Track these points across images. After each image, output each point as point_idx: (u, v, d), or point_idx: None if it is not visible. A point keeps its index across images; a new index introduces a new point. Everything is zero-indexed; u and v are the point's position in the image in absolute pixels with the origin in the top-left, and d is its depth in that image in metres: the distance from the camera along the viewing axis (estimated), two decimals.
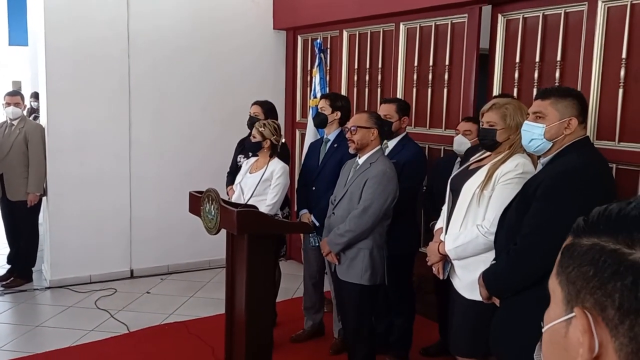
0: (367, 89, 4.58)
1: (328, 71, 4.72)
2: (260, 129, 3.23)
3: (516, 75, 3.44)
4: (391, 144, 3.18)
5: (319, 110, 3.41)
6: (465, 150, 3.36)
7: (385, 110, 3.17)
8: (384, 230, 2.77)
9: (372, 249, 2.71)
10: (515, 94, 3.39)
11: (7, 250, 4.78)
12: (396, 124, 3.17)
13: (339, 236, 2.69)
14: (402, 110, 3.18)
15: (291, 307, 4.00)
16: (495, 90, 3.52)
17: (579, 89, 3.03)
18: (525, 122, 2.03)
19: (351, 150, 2.82)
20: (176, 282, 4.76)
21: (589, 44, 3.05)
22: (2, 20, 13.28)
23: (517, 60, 3.43)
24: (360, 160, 2.78)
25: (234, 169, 3.77)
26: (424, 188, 3.39)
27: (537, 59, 3.32)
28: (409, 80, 4.20)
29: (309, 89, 5.12)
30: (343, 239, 2.68)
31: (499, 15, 3.52)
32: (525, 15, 3.39)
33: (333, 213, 2.83)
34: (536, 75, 3.33)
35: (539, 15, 3.32)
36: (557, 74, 3.21)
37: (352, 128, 2.74)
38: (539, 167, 2.05)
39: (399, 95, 4.25)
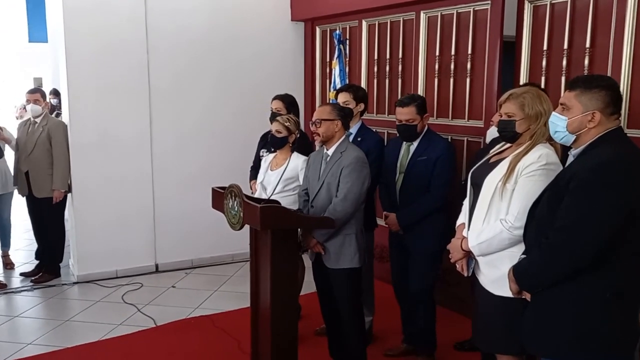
0: (387, 80, 4.53)
1: (347, 62, 4.68)
2: (285, 124, 3.22)
3: (544, 63, 3.37)
4: (416, 142, 3.11)
5: (343, 104, 3.36)
6: (490, 142, 3.30)
7: (407, 114, 3.04)
8: (362, 214, 2.93)
9: (357, 232, 2.85)
10: (542, 83, 3.32)
11: (36, 246, 4.88)
12: (420, 124, 3.07)
13: None
14: (422, 109, 3.08)
15: (315, 300, 3.98)
16: (523, 79, 3.45)
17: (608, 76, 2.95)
18: (553, 112, 2.00)
19: (317, 143, 2.96)
20: (200, 276, 4.80)
21: (619, 29, 2.97)
22: (22, 17, 13.43)
23: (545, 47, 3.36)
24: (330, 151, 2.88)
25: (258, 164, 3.77)
26: (462, 182, 3.33)
27: (566, 46, 3.25)
28: (430, 70, 4.14)
29: (328, 80, 5.08)
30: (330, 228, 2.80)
31: (526, 2, 3.44)
32: (553, 2, 3.31)
33: (312, 206, 2.92)
34: (564, 63, 3.25)
35: (567, 1, 3.23)
36: (586, 61, 3.14)
37: (316, 121, 2.86)
38: (570, 158, 2.00)
39: (420, 86, 4.20)
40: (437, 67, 4.09)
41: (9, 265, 4.97)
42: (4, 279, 4.65)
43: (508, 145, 2.27)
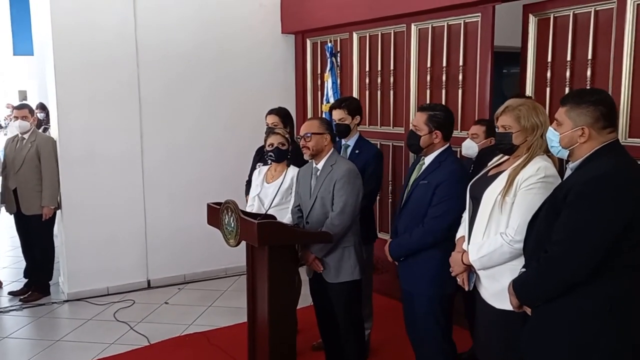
0: (379, 92, 4.54)
1: (339, 75, 4.67)
2: (286, 136, 3.21)
3: (549, 74, 3.42)
4: (427, 160, 2.64)
5: (338, 121, 3.31)
6: (477, 153, 3.31)
7: (415, 120, 2.64)
8: (359, 226, 2.91)
9: (355, 244, 2.85)
10: (547, 94, 3.38)
11: (23, 263, 4.78)
12: (425, 138, 2.58)
13: None
14: (435, 122, 2.57)
15: (311, 314, 3.95)
16: (529, 91, 3.49)
17: (609, 86, 3.02)
18: (550, 127, 2.03)
19: (307, 157, 2.92)
20: (193, 291, 4.74)
21: (619, 41, 3.04)
22: (6, 31, 13.30)
23: (549, 59, 3.42)
24: (319, 165, 2.88)
25: None
26: None
27: (569, 58, 3.31)
28: (422, 82, 4.16)
29: (319, 92, 5.08)
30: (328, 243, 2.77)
31: (530, 15, 3.50)
32: (556, 15, 3.37)
33: (307, 222, 2.90)
34: (568, 74, 3.31)
35: (569, 15, 3.30)
36: (589, 73, 3.20)
37: (305, 135, 2.84)
38: (568, 172, 2.02)
39: (412, 97, 4.21)
40: (428, 78, 4.11)
41: None
42: None
43: (506, 157, 2.29)
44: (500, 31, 3.73)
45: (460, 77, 3.89)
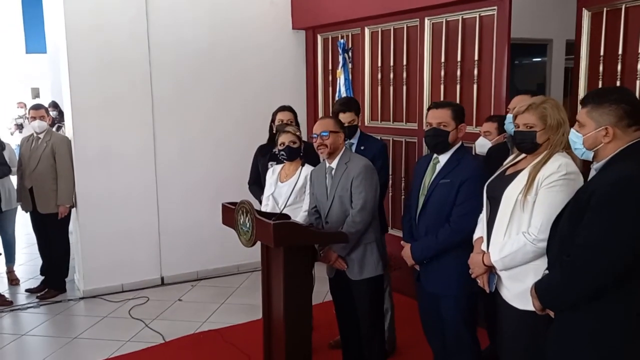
0: (391, 87, 4.50)
1: (351, 71, 4.64)
2: (297, 134, 3.19)
3: (601, 68, 3.36)
4: (443, 158, 2.58)
5: (349, 124, 3.28)
6: (487, 151, 3.26)
7: (440, 117, 2.55)
8: (378, 221, 2.92)
9: (377, 239, 2.86)
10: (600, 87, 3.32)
11: (39, 260, 4.83)
12: (453, 133, 2.54)
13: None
14: (459, 116, 2.57)
15: (324, 311, 3.96)
16: (582, 84, 3.44)
17: (622, 87, 2.92)
18: (572, 129, 1.98)
19: (324, 156, 2.89)
20: (207, 288, 4.76)
21: None
22: (19, 29, 13.37)
23: (602, 53, 3.35)
24: (333, 164, 2.87)
25: (257, 179, 3.66)
26: None
27: (620, 52, 3.25)
28: (436, 77, 4.11)
29: (331, 88, 5.06)
30: (351, 241, 2.76)
31: (584, 10, 3.44)
32: (608, 9, 3.30)
33: (326, 222, 2.89)
34: (619, 67, 3.25)
35: (621, 8, 3.23)
36: (639, 67, 3.14)
37: (322, 134, 2.82)
38: (592, 172, 1.97)
39: (426, 93, 4.17)
40: (442, 73, 4.06)
41: (14, 281, 4.92)
42: (9, 296, 4.60)
43: (522, 155, 2.24)
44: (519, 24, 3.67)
45: (476, 71, 3.84)
